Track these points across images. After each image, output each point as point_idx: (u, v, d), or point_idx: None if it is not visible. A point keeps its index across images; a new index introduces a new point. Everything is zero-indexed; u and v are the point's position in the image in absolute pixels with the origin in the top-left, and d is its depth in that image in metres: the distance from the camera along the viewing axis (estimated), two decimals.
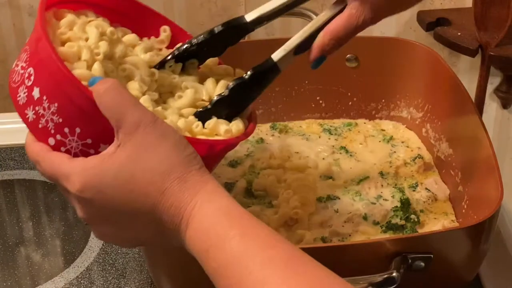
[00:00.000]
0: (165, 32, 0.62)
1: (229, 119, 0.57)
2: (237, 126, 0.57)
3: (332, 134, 0.91)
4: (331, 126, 0.92)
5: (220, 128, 0.56)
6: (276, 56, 0.60)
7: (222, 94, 0.57)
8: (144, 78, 0.56)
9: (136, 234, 0.50)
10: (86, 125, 0.50)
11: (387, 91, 0.91)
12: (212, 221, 0.46)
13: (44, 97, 0.51)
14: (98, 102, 0.49)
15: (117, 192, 0.48)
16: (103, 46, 0.55)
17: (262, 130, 0.90)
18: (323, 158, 0.86)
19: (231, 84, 0.58)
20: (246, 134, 0.57)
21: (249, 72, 0.58)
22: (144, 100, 0.54)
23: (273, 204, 0.78)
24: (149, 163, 0.48)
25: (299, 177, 0.80)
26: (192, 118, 0.56)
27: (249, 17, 0.61)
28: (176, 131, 0.50)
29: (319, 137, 0.90)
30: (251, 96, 0.59)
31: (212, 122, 0.56)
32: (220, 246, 0.45)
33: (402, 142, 0.90)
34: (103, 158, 0.49)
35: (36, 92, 0.51)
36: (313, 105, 0.93)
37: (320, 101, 0.93)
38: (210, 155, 0.54)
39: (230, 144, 0.56)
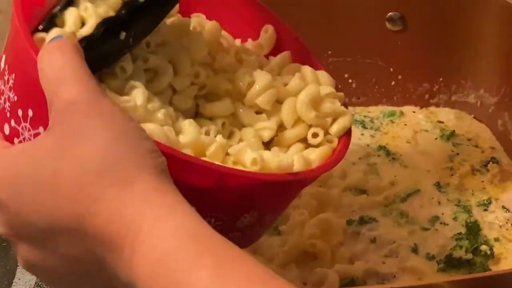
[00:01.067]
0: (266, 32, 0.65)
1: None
2: (321, 152, 0.59)
3: (366, 128, 0.91)
4: (365, 116, 0.92)
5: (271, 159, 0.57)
6: None
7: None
8: (180, 77, 0.59)
9: (60, 264, 0.50)
10: (38, 106, 0.52)
11: (446, 65, 0.91)
12: (172, 245, 0.45)
13: (6, 67, 0.54)
14: (38, 68, 0.50)
15: (37, 193, 0.48)
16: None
17: None
18: (354, 163, 0.85)
19: None
20: (325, 165, 0.59)
21: None
22: (141, 92, 0.56)
23: (281, 231, 0.78)
24: (79, 156, 0.48)
25: (318, 191, 0.80)
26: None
27: None
28: (130, 118, 0.50)
29: None
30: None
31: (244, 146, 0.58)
32: (185, 282, 0.44)
33: (469, 139, 0.90)
34: (23, 147, 0.50)
35: (2, 62, 0.55)
36: (339, 86, 0.86)
37: (350, 80, 0.93)
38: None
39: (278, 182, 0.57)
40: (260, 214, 0.57)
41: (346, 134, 0.61)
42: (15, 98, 0.54)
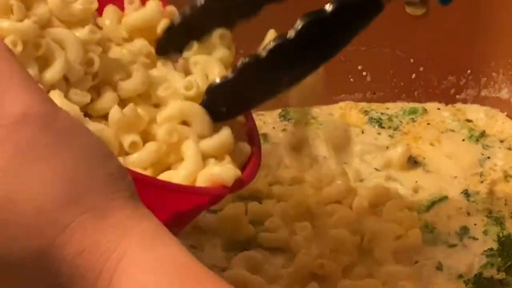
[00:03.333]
0: None
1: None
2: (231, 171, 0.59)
3: (384, 127, 0.90)
4: (382, 113, 0.91)
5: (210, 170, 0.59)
6: None
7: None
8: (74, 65, 0.58)
9: None
10: None
11: (474, 56, 0.91)
12: (153, 280, 0.45)
13: None
14: None
15: None
16: None
17: (267, 120, 0.90)
18: (375, 169, 0.85)
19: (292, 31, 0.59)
20: (240, 181, 0.60)
21: (330, 6, 0.59)
22: (56, 96, 0.56)
23: (284, 249, 0.76)
24: (38, 178, 0.46)
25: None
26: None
27: None
28: (91, 132, 0.49)
29: (362, 132, 0.90)
30: (327, 51, 0.61)
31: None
32: None
33: (501, 141, 0.89)
34: None
35: None
36: (351, 80, 0.92)
37: (364, 73, 0.92)
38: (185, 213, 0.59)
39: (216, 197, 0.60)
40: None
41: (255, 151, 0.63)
42: None
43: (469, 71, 0.92)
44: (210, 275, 0.46)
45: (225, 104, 0.61)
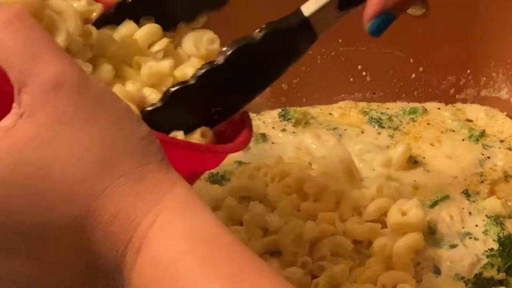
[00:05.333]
0: None
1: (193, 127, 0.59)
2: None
3: (383, 127, 0.90)
4: (382, 113, 0.92)
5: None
6: (308, 8, 0.59)
7: (198, 75, 0.58)
8: (74, 36, 0.57)
9: (46, 274, 0.48)
10: None
11: (474, 55, 0.91)
12: (184, 249, 0.45)
13: None
14: None
15: (17, 193, 0.46)
16: None
17: (267, 120, 0.90)
18: (375, 169, 0.85)
19: (220, 57, 0.58)
20: (237, 144, 0.58)
21: (259, 32, 0.58)
22: None
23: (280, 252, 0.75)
24: (74, 145, 0.46)
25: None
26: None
27: None
28: (120, 98, 0.49)
29: (362, 132, 0.90)
30: (261, 79, 0.60)
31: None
32: None
33: (501, 141, 0.89)
34: None
35: None
36: (351, 79, 0.92)
37: (364, 73, 0.92)
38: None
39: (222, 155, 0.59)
40: None
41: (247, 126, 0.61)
42: None
43: (469, 71, 0.92)
44: (244, 249, 0.46)
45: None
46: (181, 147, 0.56)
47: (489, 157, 0.86)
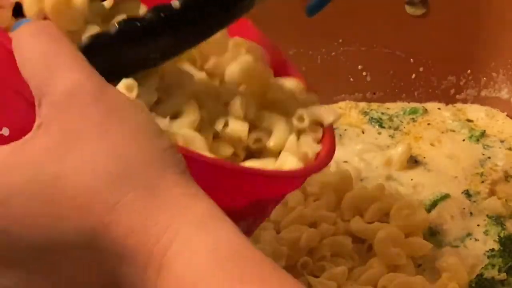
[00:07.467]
0: None
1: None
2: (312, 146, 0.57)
3: (384, 127, 0.90)
4: (382, 113, 0.91)
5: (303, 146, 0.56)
6: None
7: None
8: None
9: (62, 286, 0.47)
10: (2, 100, 0.51)
11: (474, 56, 0.91)
12: (208, 266, 0.44)
13: None
14: (16, 54, 0.48)
15: (32, 204, 0.46)
16: None
17: None
18: (375, 169, 0.85)
19: None
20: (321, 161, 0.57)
21: None
22: None
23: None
24: (88, 156, 0.46)
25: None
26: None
27: None
28: (140, 109, 0.49)
29: (363, 132, 0.90)
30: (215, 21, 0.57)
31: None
32: None
33: (502, 141, 0.89)
34: (12, 148, 0.47)
35: None
36: (351, 79, 0.92)
37: (364, 73, 0.92)
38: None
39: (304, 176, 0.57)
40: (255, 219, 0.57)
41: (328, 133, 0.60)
42: None
43: (469, 71, 0.92)
44: (272, 266, 0.45)
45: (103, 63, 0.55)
46: (256, 175, 0.53)
47: (489, 157, 0.86)
